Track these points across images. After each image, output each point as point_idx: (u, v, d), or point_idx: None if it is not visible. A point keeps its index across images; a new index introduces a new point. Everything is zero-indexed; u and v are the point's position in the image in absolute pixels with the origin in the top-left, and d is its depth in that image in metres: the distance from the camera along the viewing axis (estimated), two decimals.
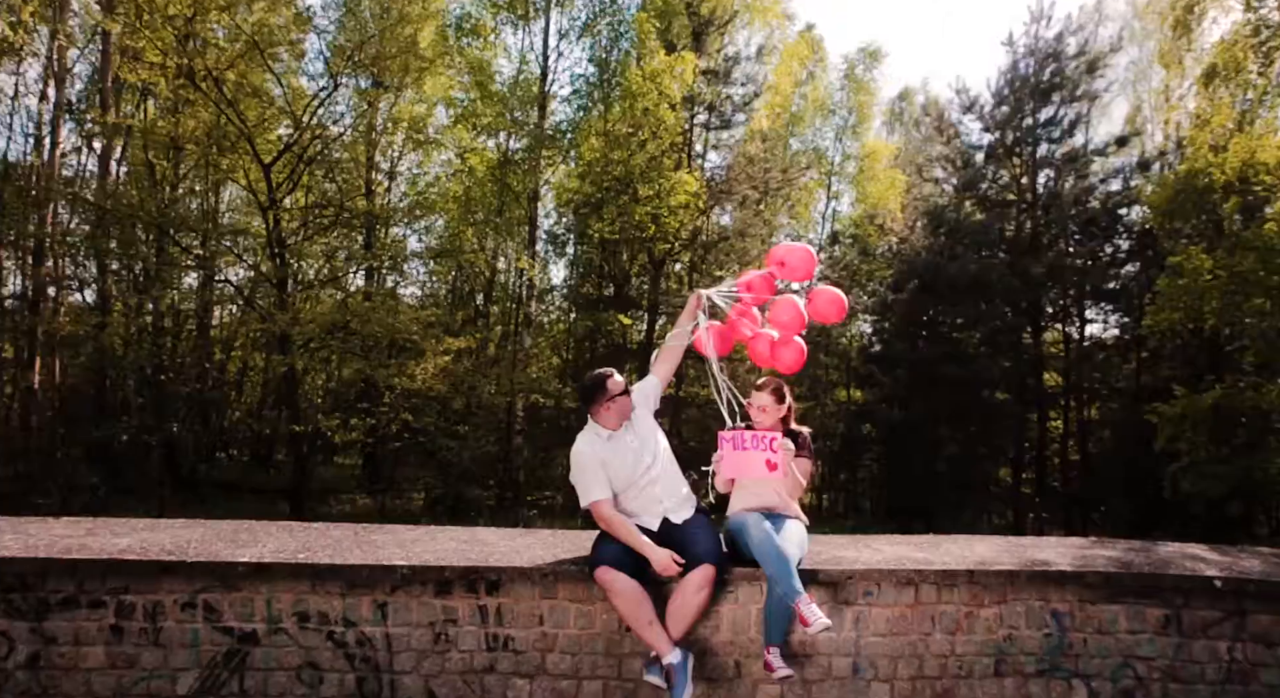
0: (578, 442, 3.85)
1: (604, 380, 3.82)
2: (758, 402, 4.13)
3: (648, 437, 3.89)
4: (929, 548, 4.37)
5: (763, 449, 3.79)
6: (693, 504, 3.94)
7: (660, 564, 3.53)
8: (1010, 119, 23.00)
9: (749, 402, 4.15)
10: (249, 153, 13.77)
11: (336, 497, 19.54)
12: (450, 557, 3.83)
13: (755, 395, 4.16)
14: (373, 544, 4.08)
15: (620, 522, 3.65)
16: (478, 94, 18.28)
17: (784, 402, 4.15)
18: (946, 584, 3.88)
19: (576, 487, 3.81)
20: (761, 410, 4.11)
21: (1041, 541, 4.77)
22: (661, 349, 4.32)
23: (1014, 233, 23.13)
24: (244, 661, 3.56)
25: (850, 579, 3.83)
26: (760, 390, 4.16)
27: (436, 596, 3.71)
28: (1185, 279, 13.13)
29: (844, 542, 4.50)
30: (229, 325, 16.82)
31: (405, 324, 13.72)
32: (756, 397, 4.15)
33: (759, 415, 4.12)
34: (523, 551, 4.02)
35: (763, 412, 4.11)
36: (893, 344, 22.06)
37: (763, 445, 3.79)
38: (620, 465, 3.75)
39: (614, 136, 17.06)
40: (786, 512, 4.00)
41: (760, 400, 4.12)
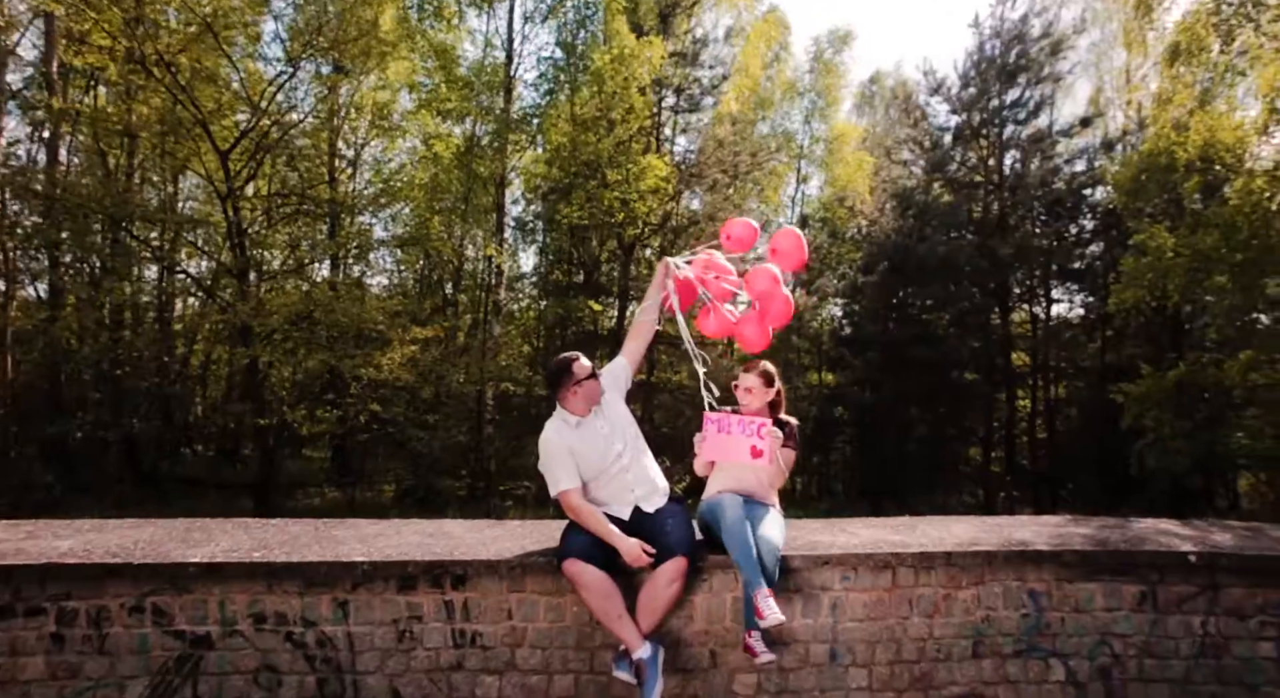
0: (546, 429, 3.72)
1: (569, 364, 3.69)
2: (744, 383, 4.02)
3: (618, 422, 3.77)
4: (905, 530, 4.31)
5: (749, 435, 3.70)
6: (665, 492, 3.83)
7: (630, 556, 3.42)
8: (977, 101, 23.11)
9: (735, 383, 4.05)
10: (205, 140, 13.31)
11: (305, 490, 19.20)
12: (414, 551, 3.70)
13: (742, 377, 4.05)
14: (333, 540, 3.93)
15: (589, 512, 3.54)
16: (441, 78, 17.90)
17: (772, 385, 4.04)
18: (924, 567, 3.83)
19: (545, 476, 3.69)
20: (747, 391, 4.00)
21: (1017, 520, 4.74)
22: (632, 326, 4.18)
23: (981, 214, 23.28)
24: (197, 666, 3.40)
25: (826, 564, 3.76)
26: (748, 372, 4.06)
27: (400, 592, 3.58)
28: (1149, 257, 13.28)
29: (819, 526, 4.43)
30: (190, 318, 16.33)
31: (371, 314, 13.39)
32: (743, 378, 4.04)
33: (744, 397, 4.01)
34: (489, 543, 3.89)
35: (748, 393, 4.00)
36: (863, 327, 22.15)
37: (750, 431, 3.71)
38: (590, 453, 3.64)
39: (581, 121, 16.82)
40: (765, 500, 3.92)
41: (747, 382, 4.01)
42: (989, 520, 4.69)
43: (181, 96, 12.80)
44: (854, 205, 25.90)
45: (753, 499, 3.85)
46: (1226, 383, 12.07)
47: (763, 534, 3.52)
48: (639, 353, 4.11)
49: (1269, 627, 3.93)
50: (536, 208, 22.69)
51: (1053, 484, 23.46)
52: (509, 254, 21.79)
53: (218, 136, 13.81)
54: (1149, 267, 12.98)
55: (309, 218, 16.84)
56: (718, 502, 3.66)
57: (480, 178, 19.30)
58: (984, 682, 3.81)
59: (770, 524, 3.62)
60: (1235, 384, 12.11)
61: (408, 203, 19.42)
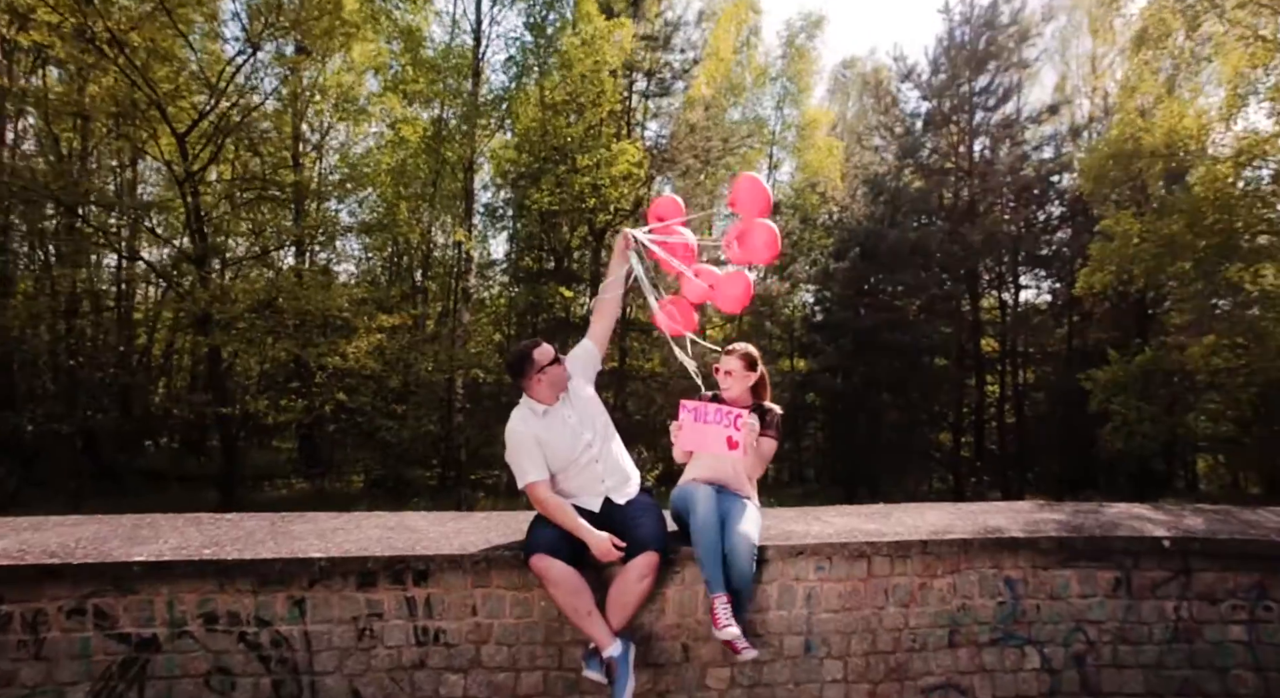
0: (511, 419, 3.58)
1: (529, 351, 3.55)
2: (724, 365, 3.89)
3: (587, 410, 3.65)
4: (880, 518, 4.24)
5: (725, 425, 3.58)
6: (636, 483, 3.72)
7: (599, 550, 3.31)
8: (947, 87, 23.19)
9: (716, 365, 3.92)
10: (162, 122, 12.83)
11: (272, 482, 18.87)
12: (374, 546, 3.55)
13: (723, 359, 3.92)
14: (290, 535, 3.76)
15: (557, 504, 3.41)
16: (408, 60, 17.48)
17: (754, 369, 3.92)
18: (900, 556, 3.77)
19: (512, 467, 3.56)
20: (727, 374, 3.88)
21: (991, 506, 4.70)
22: (596, 304, 4.02)
23: (952, 200, 23.41)
24: (143, 670, 3.23)
25: (800, 555, 3.68)
26: (729, 354, 3.93)
27: (359, 589, 3.44)
28: (1116, 243, 13.41)
29: (793, 515, 4.35)
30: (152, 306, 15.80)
31: (336, 301, 13.04)
32: (724, 360, 3.91)
33: (724, 381, 3.89)
34: (453, 536, 3.75)
35: (728, 376, 3.88)
36: (835, 313, 22.19)
37: (726, 421, 3.59)
38: (557, 443, 3.51)
39: (551, 105, 16.55)
40: (740, 491, 3.81)
41: (727, 364, 3.89)
42: (963, 508, 4.64)
43: (135, 76, 12.32)
44: (825, 192, 25.90)
45: (728, 490, 3.76)
46: (1189, 367, 12.25)
47: (739, 532, 3.41)
48: (605, 334, 3.95)
49: (1240, 610, 3.92)
50: (506, 194, 22.39)
51: (1021, 468, 23.80)
52: (478, 240, 21.48)
53: (175, 119, 13.33)
54: (1116, 252, 13.11)
55: (273, 203, 16.39)
56: (690, 493, 3.56)
57: (449, 163, 18.95)
58: (959, 671, 3.76)
59: (746, 520, 3.51)
60: (1198, 369, 12.30)
61: (374, 188, 19.03)
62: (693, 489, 3.58)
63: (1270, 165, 12.86)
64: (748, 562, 3.35)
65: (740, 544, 3.35)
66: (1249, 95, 13.13)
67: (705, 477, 3.79)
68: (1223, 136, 13.70)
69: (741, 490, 3.80)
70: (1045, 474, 24.16)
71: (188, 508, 13.28)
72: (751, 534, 3.42)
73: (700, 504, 3.43)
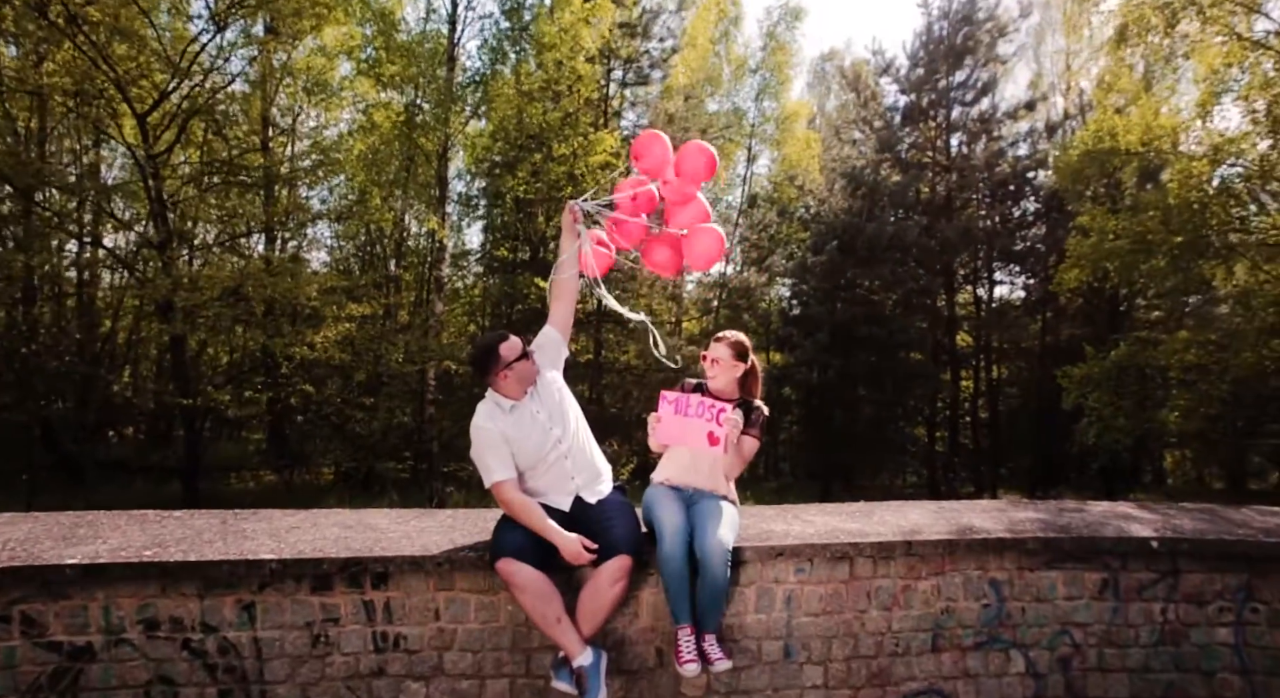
0: (477, 414, 3.39)
1: (495, 346, 3.36)
2: (712, 353, 3.69)
3: (556, 404, 3.46)
4: (862, 518, 4.11)
5: (707, 418, 3.41)
6: (609, 480, 3.54)
7: (569, 553, 3.13)
8: (925, 81, 23.20)
9: (704, 354, 3.73)
10: (122, 101, 12.34)
11: (239, 474, 18.46)
12: (331, 546, 3.35)
13: (712, 346, 3.73)
14: (241, 535, 3.54)
15: (524, 505, 3.22)
16: (381, 43, 17.03)
17: (744, 360, 3.72)
18: (883, 557, 3.64)
19: (477, 466, 3.36)
20: (714, 363, 3.67)
21: (973, 505, 4.58)
22: (551, 287, 3.76)
23: (929, 195, 23.44)
24: (76, 680, 3.00)
25: (780, 556, 3.53)
26: (718, 342, 3.73)
27: (314, 592, 3.23)
28: (1092, 239, 13.44)
29: (772, 513, 4.20)
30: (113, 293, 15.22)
31: (304, 289, 12.63)
32: (713, 348, 3.71)
33: (710, 369, 3.69)
34: (416, 536, 3.56)
35: (715, 365, 3.68)
36: (811, 306, 22.13)
37: (708, 415, 3.41)
38: (525, 440, 3.32)
39: (528, 91, 16.24)
40: (717, 490, 3.63)
41: (715, 352, 3.68)
42: (946, 507, 4.52)
43: (92, 53, 11.83)
44: (804, 185, 25.84)
45: (703, 491, 3.59)
46: (1162, 362, 12.32)
47: (714, 537, 3.23)
48: (567, 318, 3.73)
49: (1226, 612, 3.83)
50: (481, 183, 22.06)
51: (994, 463, 23.99)
52: (452, 229, 21.12)
53: (136, 99, 12.83)
54: (1092, 248, 13.14)
55: (240, 189, 15.91)
56: (658, 515, 3.36)
57: (422, 150, 18.58)
58: (943, 676, 3.63)
59: (722, 523, 3.33)
60: (1170, 365, 12.37)
61: (346, 175, 18.60)
62: (660, 507, 3.39)
63: (1242, 164, 12.95)
64: (722, 568, 3.18)
65: (714, 550, 3.18)
66: (1223, 93, 13.21)
67: (679, 479, 3.62)
68: (1197, 135, 13.78)
69: (718, 490, 3.63)
70: (1017, 469, 24.41)
71: (149, 502, 12.87)
72: (726, 539, 3.25)
73: (666, 529, 3.24)
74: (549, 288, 3.75)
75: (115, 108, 12.81)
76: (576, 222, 3.69)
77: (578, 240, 3.68)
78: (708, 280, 26.54)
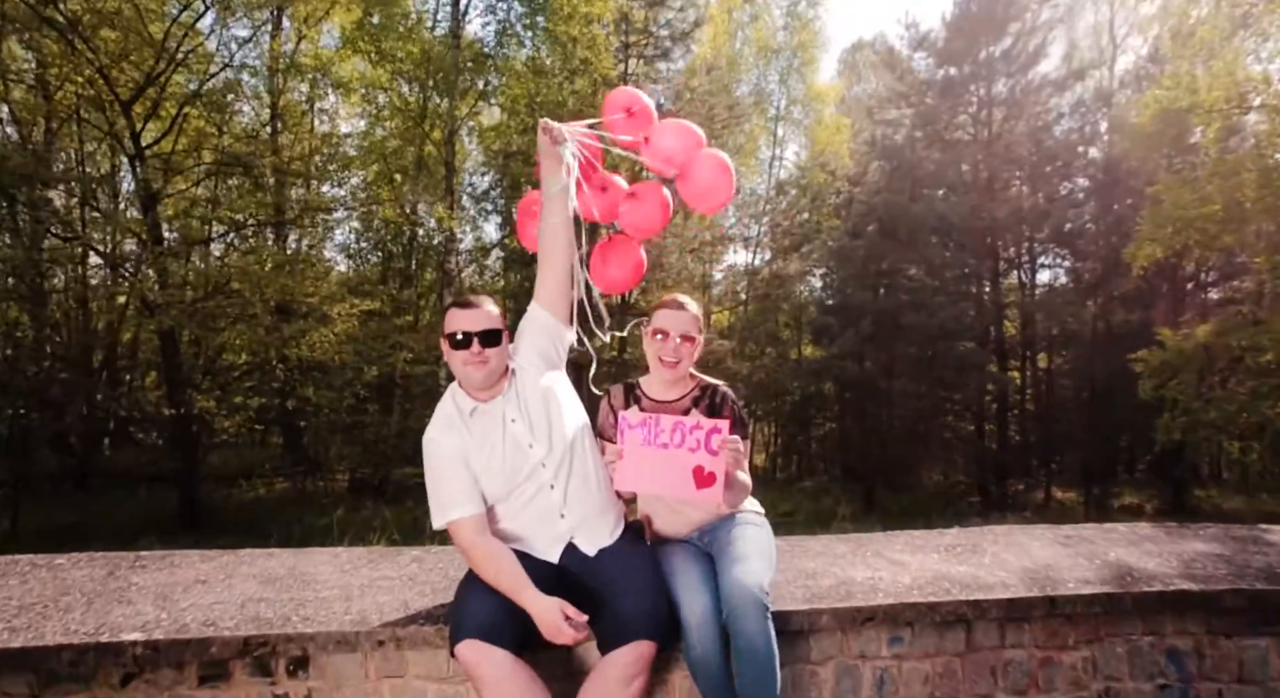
0: (433, 417, 2.36)
1: (447, 310, 2.35)
2: (672, 325, 2.44)
3: (542, 412, 2.34)
4: (967, 554, 3.00)
5: (691, 448, 2.21)
6: (618, 520, 2.48)
7: (545, 626, 2.07)
8: (965, 52, 21.79)
9: (652, 329, 2.47)
10: (104, 86, 11.51)
11: (250, 481, 17.71)
12: (234, 613, 2.33)
13: (664, 316, 2.46)
14: (120, 595, 2.54)
15: (488, 555, 2.16)
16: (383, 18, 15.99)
17: (700, 331, 2.52)
18: (1014, 619, 2.54)
19: (429, 496, 2.32)
20: (684, 342, 2.44)
21: (1108, 532, 3.47)
22: (539, 243, 2.57)
23: (971, 173, 22.06)
24: None
25: (870, 621, 2.44)
26: (677, 309, 2.47)
27: (202, 684, 2.21)
28: (1168, 210, 12.08)
29: (845, 551, 3.10)
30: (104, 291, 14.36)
31: (300, 284, 11.66)
32: (669, 317, 2.45)
33: (668, 353, 2.44)
34: (361, 593, 2.52)
35: (686, 345, 2.45)
36: (851, 294, 20.83)
37: (694, 442, 2.21)
38: (491, 458, 2.24)
39: (539, 70, 15.23)
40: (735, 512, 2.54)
41: (677, 323, 2.44)
42: (1074, 534, 3.41)
43: (72, 36, 11.03)
44: (835, 170, 24.61)
45: (712, 525, 2.51)
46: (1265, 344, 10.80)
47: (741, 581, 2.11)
48: (559, 288, 2.52)
49: None
50: (495, 176, 21.21)
51: (1046, 459, 22.58)
52: (465, 222, 20.24)
53: (119, 84, 11.93)
54: (1169, 219, 11.79)
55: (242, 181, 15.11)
56: (670, 581, 2.25)
57: (433, 141, 17.69)
58: None
59: (749, 555, 2.24)
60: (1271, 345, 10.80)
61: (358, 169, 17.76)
62: (675, 577, 2.25)
63: None
64: (759, 625, 2.07)
65: (744, 603, 2.08)
66: None
67: (672, 530, 2.52)
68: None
69: (735, 509, 2.52)
70: (1069, 464, 22.95)
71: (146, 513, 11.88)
72: (759, 577, 2.14)
73: (692, 617, 2.13)
74: (539, 243, 2.58)
75: (101, 97, 11.98)
76: (557, 142, 2.54)
77: (565, 167, 2.53)
78: (736, 271, 25.41)
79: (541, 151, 2.58)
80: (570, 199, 2.55)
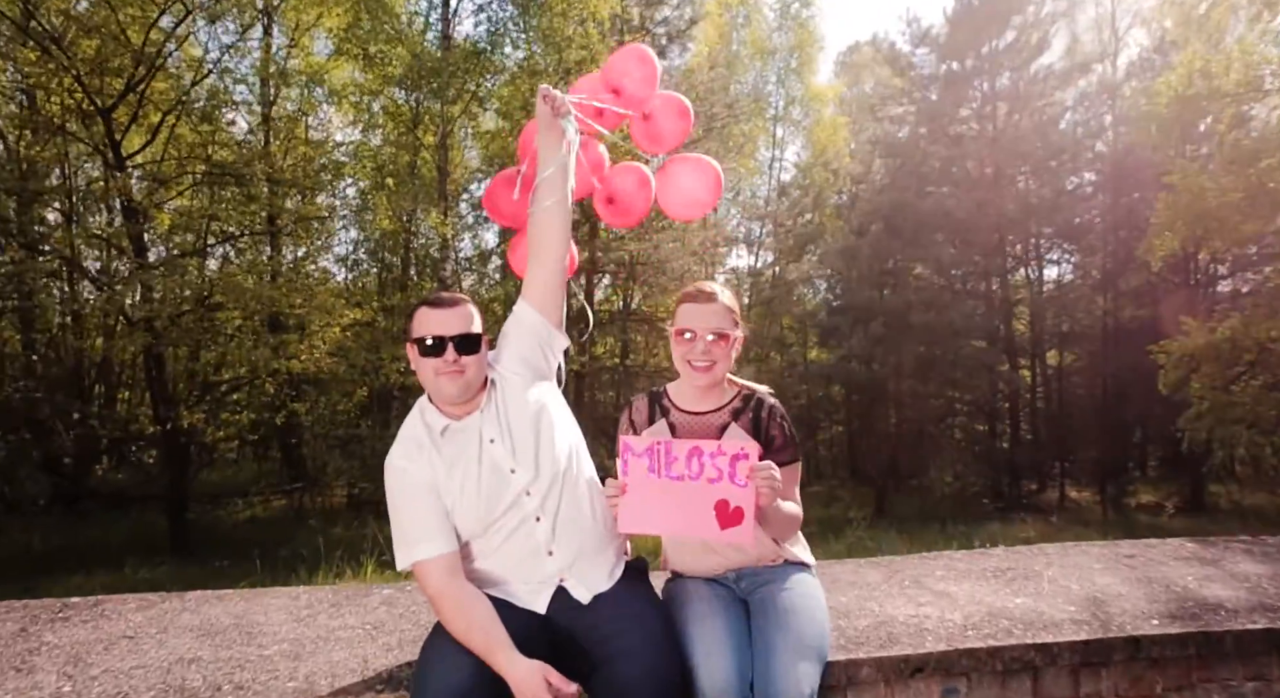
0: (394, 446, 1.97)
1: (413, 312, 1.96)
2: (703, 322, 1.98)
3: (526, 425, 1.91)
4: (1022, 582, 2.60)
5: (716, 478, 1.77)
6: (619, 557, 2.07)
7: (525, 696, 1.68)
8: (968, 46, 21.44)
9: (680, 328, 2.01)
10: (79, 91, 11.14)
11: (247, 499, 17.29)
12: (154, 681, 1.96)
13: (688, 312, 2.01)
14: (28, 657, 2.16)
15: (459, 604, 1.80)
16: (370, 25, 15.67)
17: (737, 324, 2.05)
18: (1090, 663, 2.13)
19: (392, 532, 1.93)
20: (719, 341, 1.99)
21: (1176, 551, 3.07)
22: (530, 230, 2.19)
23: (977, 168, 21.69)
24: None
25: (920, 672, 2.05)
26: (705, 300, 2.01)
27: None
28: (1184, 199, 11.66)
29: (879, 577, 2.70)
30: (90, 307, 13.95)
31: (288, 296, 11.20)
32: (699, 313, 2.00)
33: (689, 352, 2.00)
34: (315, 649, 2.14)
35: (719, 345, 2.00)
36: (858, 294, 20.40)
37: (715, 470, 1.78)
38: (465, 485, 1.87)
39: (533, 71, 14.89)
40: (777, 561, 2.08)
41: (710, 319, 1.98)
42: (1137, 554, 3.01)
43: (49, 44, 10.69)
44: (838, 169, 24.25)
45: (753, 569, 2.07)
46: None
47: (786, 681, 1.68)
48: (553, 284, 2.11)
49: None
50: None
51: (1058, 457, 22.12)
52: (463, 228, 19.89)
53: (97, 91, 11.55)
54: (1186, 209, 11.36)
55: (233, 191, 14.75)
56: (685, 632, 1.84)
57: (427, 146, 17.34)
58: None
59: (804, 637, 1.79)
60: None
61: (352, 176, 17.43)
62: (690, 629, 1.84)
63: None
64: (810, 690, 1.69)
65: None
66: None
67: (703, 568, 2.07)
68: None
69: (778, 556, 2.08)
70: (1082, 462, 22.48)
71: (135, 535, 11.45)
72: (806, 679, 1.71)
73: (707, 683, 1.69)
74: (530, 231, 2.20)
75: (81, 105, 11.61)
76: (559, 114, 2.16)
77: (565, 143, 2.15)
78: (740, 274, 25.01)
79: (540, 123, 2.20)
80: (569, 179, 2.17)
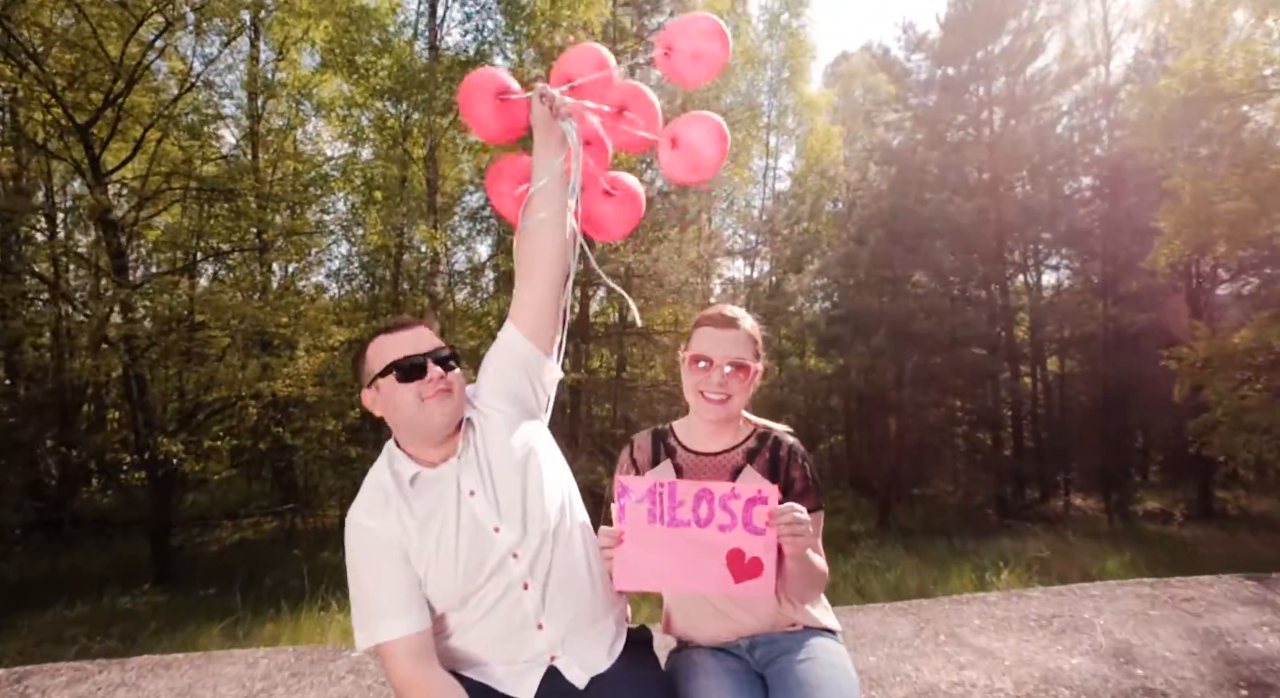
0: (355, 502, 1.67)
1: (365, 344, 1.66)
2: (717, 347, 1.77)
3: (511, 474, 1.61)
4: (1072, 634, 2.30)
5: (728, 525, 1.49)
6: (619, 627, 1.78)
7: None
8: (963, 51, 21.31)
9: (693, 355, 1.78)
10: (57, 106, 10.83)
11: (236, 521, 16.88)
12: None
13: (704, 338, 1.80)
14: None
15: (429, 692, 1.50)
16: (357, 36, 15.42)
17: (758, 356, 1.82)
18: None
19: (352, 604, 1.62)
20: (738, 371, 1.77)
21: (1227, 590, 2.78)
22: (518, 242, 1.94)
23: (975, 174, 21.52)
24: None
25: None
26: (726, 326, 1.79)
27: None
28: (1189, 205, 11.43)
29: (908, 629, 2.39)
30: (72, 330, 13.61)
31: (272, 315, 10.82)
32: (716, 339, 1.78)
33: (704, 382, 1.76)
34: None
35: (738, 377, 1.77)
36: (859, 301, 20.13)
37: (729, 516, 1.50)
38: (441, 546, 1.59)
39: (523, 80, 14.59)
40: (796, 626, 1.78)
41: (729, 347, 1.77)
42: (1190, 596, 2.71)
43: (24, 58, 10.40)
44: (834, 176, 24.07)
45: (769, 636, 1.77)
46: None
47: None
48: (546, 303, 1.85)
49: None
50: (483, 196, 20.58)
51: (1061, 466, 21.83)
52: (455, 241, 19.62)
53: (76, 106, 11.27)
54: (1192, 215, 11.12)
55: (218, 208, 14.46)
56: None
57: (416, 159, 17.07)
58: None
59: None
60: None
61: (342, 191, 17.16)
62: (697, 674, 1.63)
63: None
64: None
65: None
66: None
67: (711, 634, 1.78)
68: None
69: (798, 621, 1.77)
70: (1084, 470, 22.19)
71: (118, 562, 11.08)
72: None
73: None
74: (515, 245, 1.95)
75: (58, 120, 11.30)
76: (559, 115, 1.88)
77: (564, 146, 1.89)
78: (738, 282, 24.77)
79: (537, 125, 1.91)
80: (572, 189, 1.89)
